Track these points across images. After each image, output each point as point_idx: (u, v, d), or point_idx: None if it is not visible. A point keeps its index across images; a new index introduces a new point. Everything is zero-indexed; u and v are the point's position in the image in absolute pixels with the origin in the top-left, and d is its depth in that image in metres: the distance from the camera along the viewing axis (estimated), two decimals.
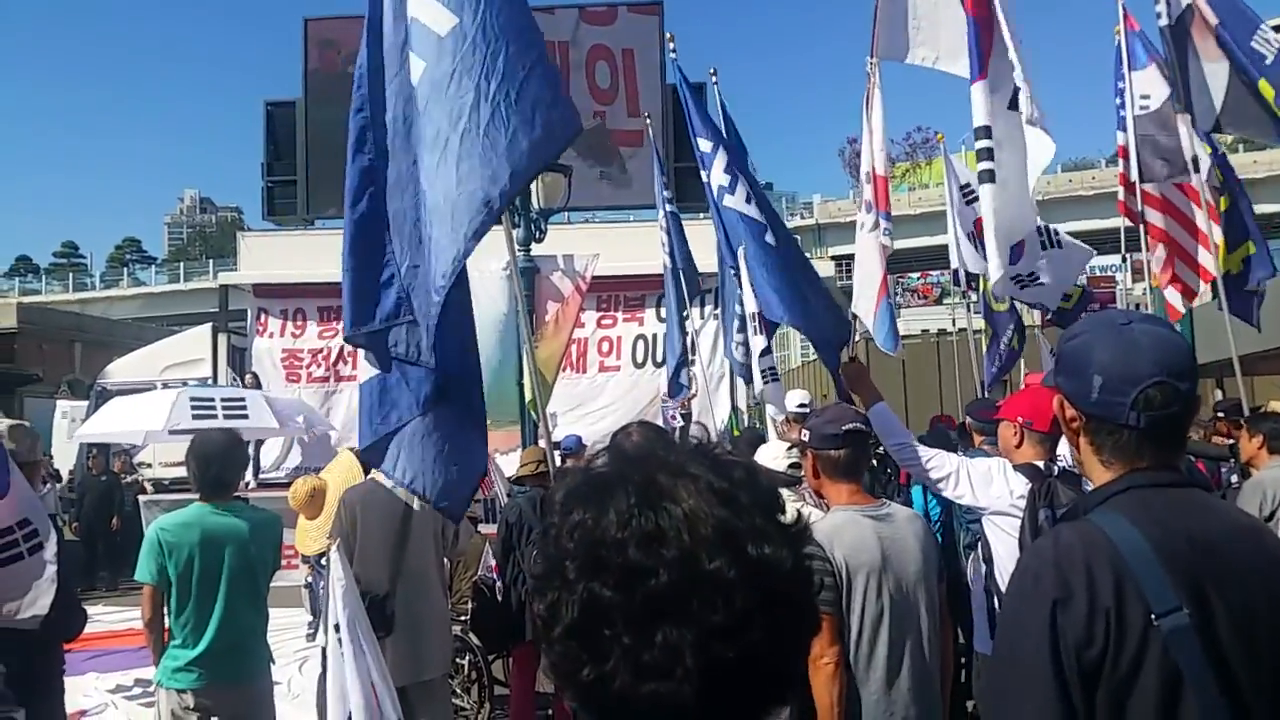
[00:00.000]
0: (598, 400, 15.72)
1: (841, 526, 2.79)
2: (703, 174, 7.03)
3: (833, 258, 50.53)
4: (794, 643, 0.91)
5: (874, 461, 6.18)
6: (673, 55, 7.45)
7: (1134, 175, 6.31)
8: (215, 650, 4.02)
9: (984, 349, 9.06)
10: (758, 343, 6.39)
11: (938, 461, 3.57)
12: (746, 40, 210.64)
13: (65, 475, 16.30)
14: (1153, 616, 1.37)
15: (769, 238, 6.22)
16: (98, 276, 67.76)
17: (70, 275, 70.08)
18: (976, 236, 7.32)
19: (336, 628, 2.71)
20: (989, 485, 3.61)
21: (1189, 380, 1.53)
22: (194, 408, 6.82)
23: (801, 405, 7.51)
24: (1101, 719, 1.38)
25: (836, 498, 2.90)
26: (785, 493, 4.62)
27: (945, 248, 7.77)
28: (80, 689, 7.26)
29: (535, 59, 3.29)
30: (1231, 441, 6.45)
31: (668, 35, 8.39)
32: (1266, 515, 4.78)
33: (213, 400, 6.94)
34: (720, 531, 0.85)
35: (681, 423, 13.90)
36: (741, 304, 6.70)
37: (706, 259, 9.40)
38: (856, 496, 2.90)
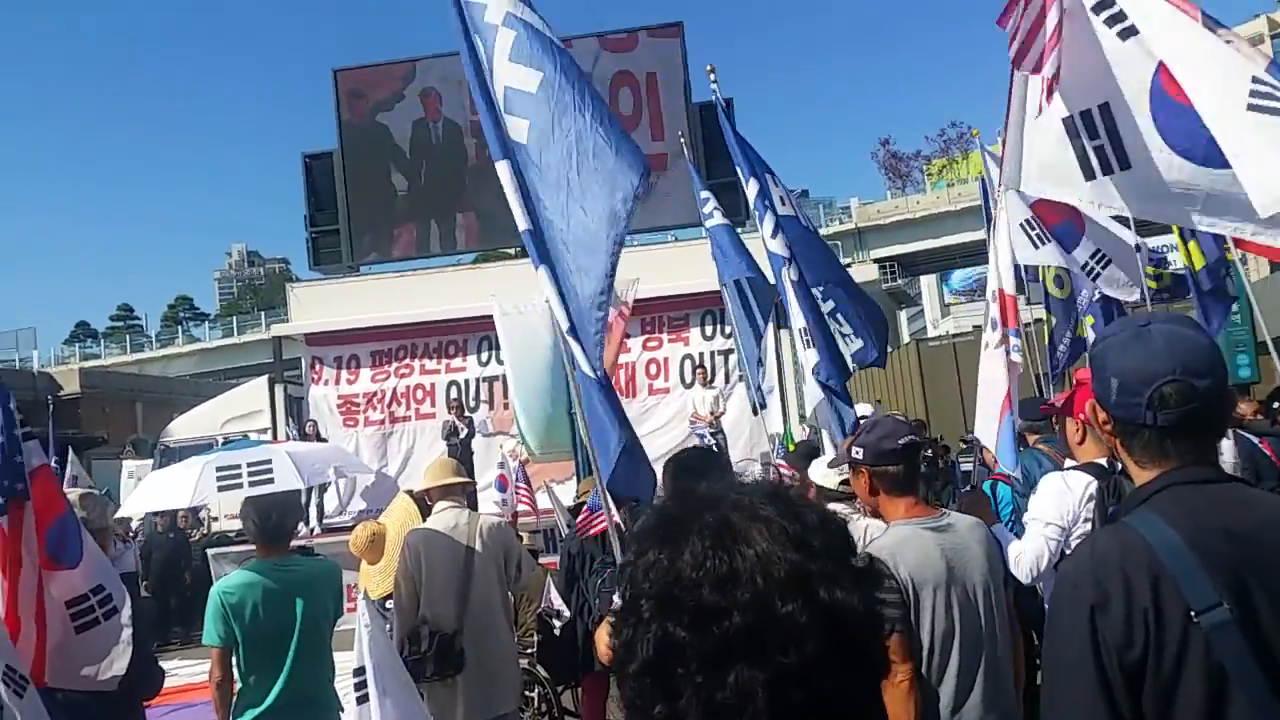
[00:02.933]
0: (649, 423, 15.73)
1: (904, 541, 2.77)
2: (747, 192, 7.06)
3: (875, 260, 50.30)
4: (865, 685, 0.92)
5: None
6: (714, 86, 7.47)
7: None
8: (283, 704, 4.06)
9: (1046, 339, 8.79)
10: (809, 357, 6.33)
11: (1020, 559, 3.52)
12: (771, 49, 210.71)
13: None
14: (1192, 614, 1.37)
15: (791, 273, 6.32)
16: (154, 336, 69.39)
17: (127, 337, 71.89)
18: (1040, 222, 7.10)
19: (360, 671, 2.74)
20: (1059, 512, 3.58)
21: (1209, 376, 1.53)
22: (219, 477, 6.95)
23: (863, 418, 7.40)
24: None
25: (894, 513, 2.88)
26: (841, 507, 4.62)
27: (986, 242, 7.65)
28: None
29: (593, 89, 3.68)
30: None
31: (707, 67, 8.43)
32: None
33: (238, 466, 7.05)
34: (793, 575, 0.87)
35: (710, 440, 13.89)
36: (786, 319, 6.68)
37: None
38: (915, 509, 2.88)
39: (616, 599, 0.96)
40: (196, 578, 13.48)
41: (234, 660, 4.12)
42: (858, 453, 2.92)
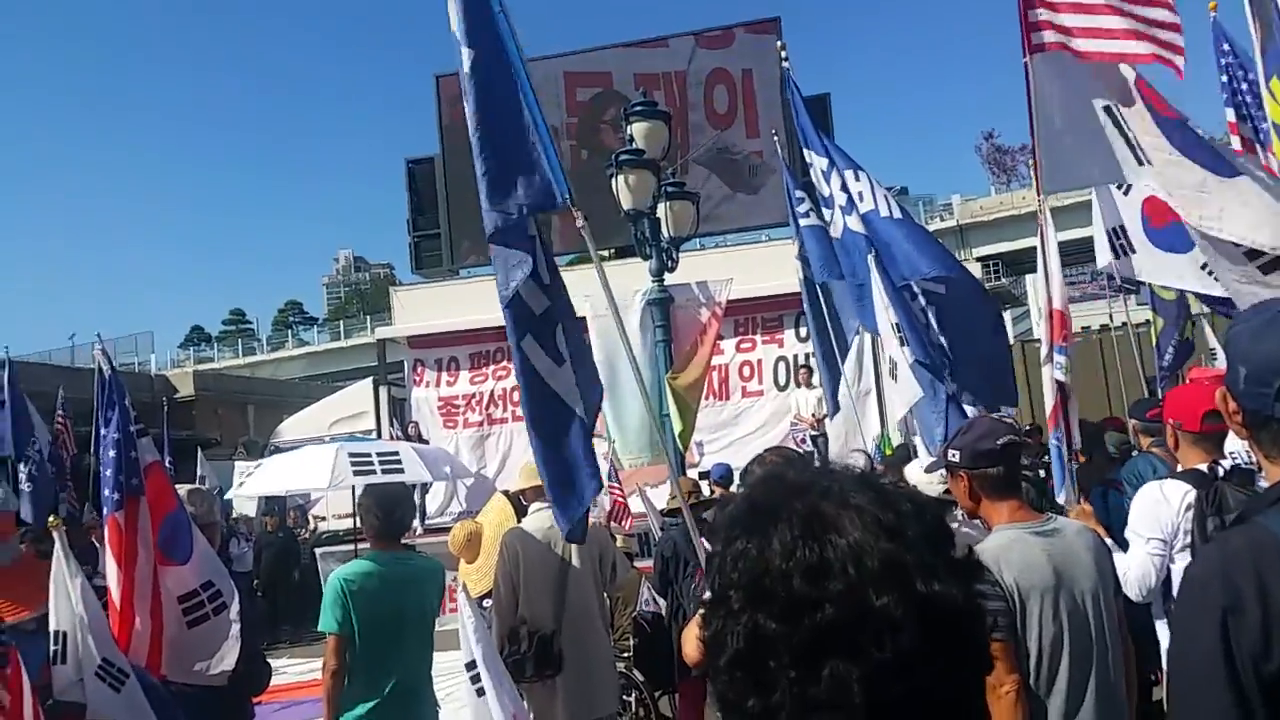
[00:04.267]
0: (744, 426, 15.61)
1: (1008, 547, 2.65)
2: (821, 187, 6.95)
3: (978, 259, 48.94)
4: (967, 680, 0.88)
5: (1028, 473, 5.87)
6: (785, 65, 7.37)
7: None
8: (394, 695, 4.09)
9: (1154, 342, 8.47)
10: (904, 355, 6.15)
11: (1126, 576, 3.37)
12: (870, 42, 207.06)
13: None
14: None
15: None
16: (265, 340, 72.26)
17: (240, 341, 74.98)
18: (1124, 232, 6.85)
19: (471, 665, 2.76)
20: (1158, 525, 3.43)
21: None
22: (354, 464, 7.23)
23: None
24: None
25: (997, 517, 2.77)
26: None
27: (1090, 239, 7.33)
28: None
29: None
30: None
31: (779, 44, 8.31)
32: None
33: (370, 455, 7.34)
34: (887, 566, 0.84)
35: (810, 445, 13.65)
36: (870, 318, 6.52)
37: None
38: (1019, 513, 2.76)
39: (706, 591, 0.93)
40: (305, 576, 13.91)
41: (350, 651, 4.13)
42: (954, 455, 2.81)
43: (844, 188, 6.55)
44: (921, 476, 4.99)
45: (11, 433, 10.98)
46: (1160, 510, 3.50)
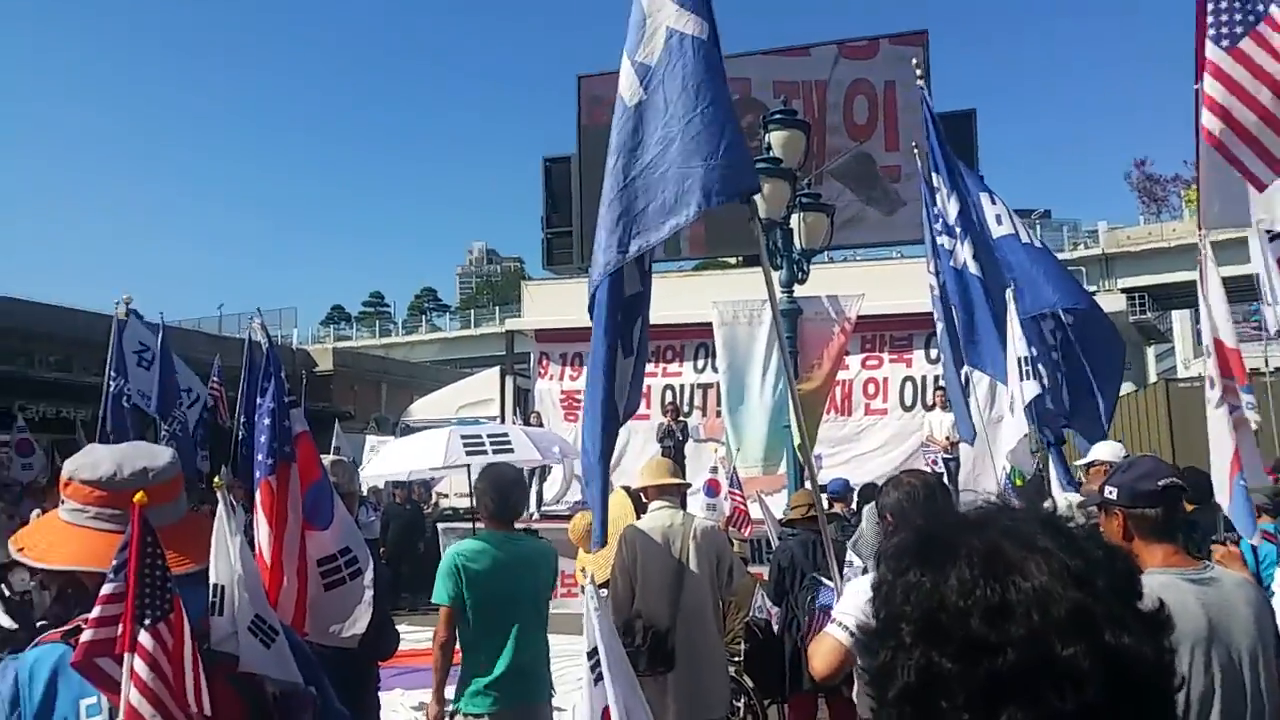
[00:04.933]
0: (864, 443, 15.33)
1: (1160, 591, 2.46)
2: (934, 207, 6.80)
3: (1123, 290, 46.58)
4: None
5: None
6: (920, 84, 7.21)
7: None
8: (511, 673, 4.16)
9: None
10: (1029, 389, 5.94)
11: None
12: (1020, 61, 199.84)
13: None
14: None
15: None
16: (400, 323, 74.96)
17: (377, 322, 78.09)
18: None
19: (593, 652, 2.79)
20: None
21: None
22: (466, 445, 7.51)
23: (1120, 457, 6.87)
24: None
25: (1151, 560, 2.63)
26: None
27: (1252, 278, 6.85)
28: (388, 705, 7.84)
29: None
30: None
31: (913, 61, 8.15)
32: None
33: (481, 436, 7.60)
34: (1075, 615, 0.80)
35: (943, 467, 13.25)
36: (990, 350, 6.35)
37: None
38: (1175, 558, 2.62)
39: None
40: (429, 548, 14.42)
41: (460, 625, 4.24)
42: (1112, 492, 2.69)
43: (969, 214, 6.39)
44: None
45: (158, 394, 11.66)
46: None
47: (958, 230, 6.50)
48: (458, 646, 4.29)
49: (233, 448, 11.82)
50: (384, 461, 9.25)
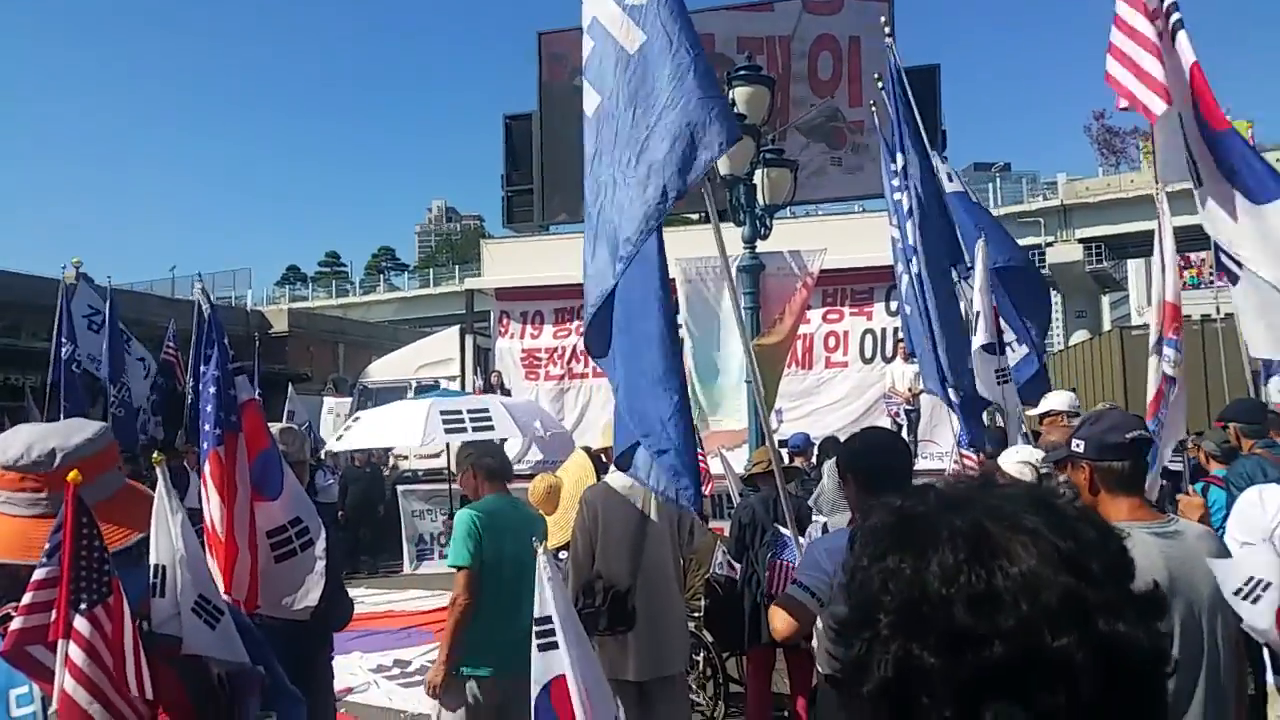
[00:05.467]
0: (825, 396, 15.43)
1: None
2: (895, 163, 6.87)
3: (1080, 240, 47.10)
4: None
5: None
6: (888, 40, 7.18)
7: None
8: (519, 635, 4.14)
9: None
10: (977, 341, 6.01)
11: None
12: (982, 12, 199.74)
13: None
14: None
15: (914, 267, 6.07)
16: (357, 283, 74.00)
17: (333, 282, 76.94)
18: None
19: (546, 619, 2.75)
20: (1252, 529, 3.41)
21: None
22: (445, 421, 7.43)
23: (1074, 406, 6.96)
24: None
25: (1116, 514, 2.63)
26: None
27: (1197, 226, 6.92)
28: (345, 668, 7.87)
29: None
30: None
31: (880, 20, 8.12)
32: None
33: (460, 412, 7.50)
34: (1066, 602, 0.74)
35: (904, 419, 13.38)
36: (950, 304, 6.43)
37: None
38: (1140, 512, 2.62)
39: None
40: (388, 511, 14.37)
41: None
42: (1079, 445, 2.68)
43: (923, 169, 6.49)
44: (1014, 460, 4.85)
45: (108, 358, 11.40)
46: (1254, 515, 3.51)
47: (913, 187, 6.56)
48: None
49: (184, 413, 11.60)
50: (362, 434, 9.06)
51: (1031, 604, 0.74)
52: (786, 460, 8.38)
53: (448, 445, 9.01)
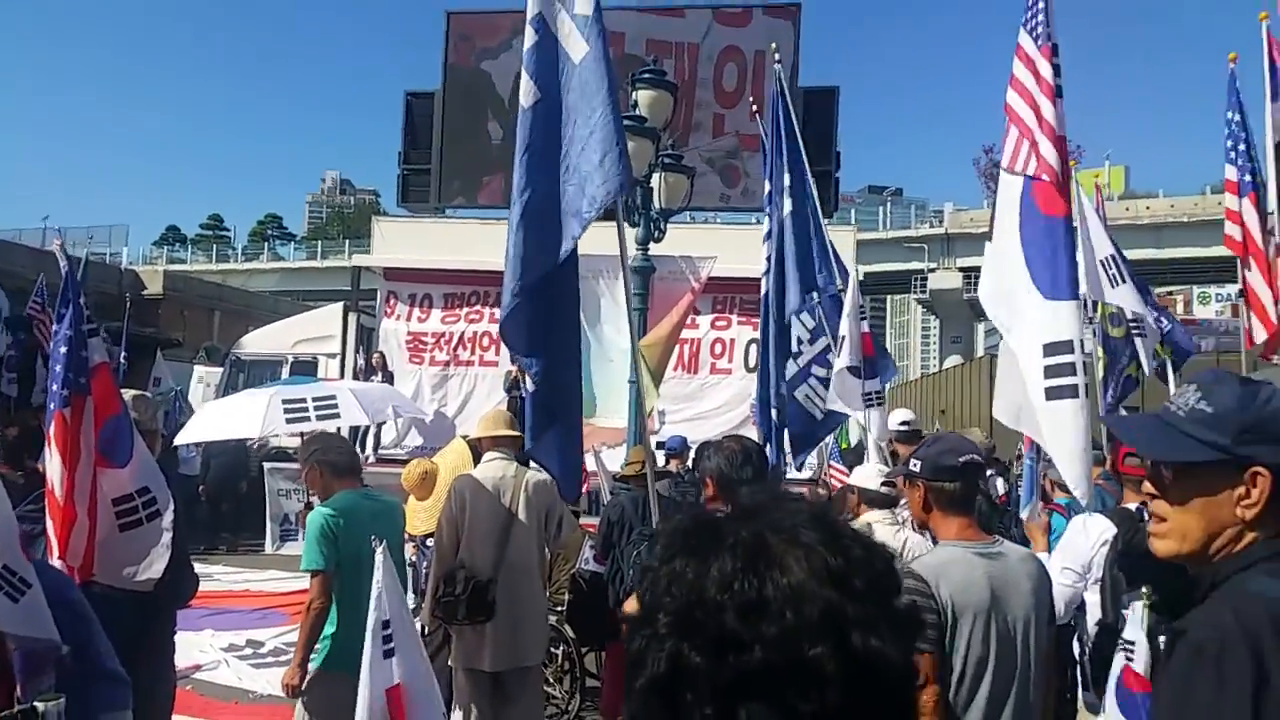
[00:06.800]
0: (708, 401, 15.67)
1: (949, 563, 2.69)
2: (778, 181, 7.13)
3: (960, 269, 49.09)
4: None
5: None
6: (777, 66, 7.43)
7: (1272, 205, 6.00)
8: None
9: (1100, 377, 8.62)
10: (841, 362, 6.25)
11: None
12: (883, 39, 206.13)
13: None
14: None
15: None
16: (240, 250, 71.25)
17: (214, 247, 73.96)
18: (1118, 261, 7.04)
19: (386, 624, 2.75)
20: (1074, 555, 3.82)
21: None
22: (287, 411, 7.16)
23: (904, 424, 7.31)
24: None
25: (946, 532, 2.80)
26: (882, 514, 4.53)
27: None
28: (197, 645, 7.63)
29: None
30: None
31: (772, 45, 8.40)
32: None
33: (304, 400, 7.26)
34: (826, 615, 0.80)
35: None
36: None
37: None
38: (968, 532, 2.79)
39: (634, 602, 0.90)
40: (252, 487, 13.90)
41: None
42: (915, 465, 2.84)
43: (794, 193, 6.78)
44: (865, 473, 5.07)
45: None
46: (1077, 543, 3.82)
47: (776, 213, 6.85)
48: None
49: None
50: (198, 426, 8.69)
51: (795, 614, 0.79)
52: (662, 462, 8.50)
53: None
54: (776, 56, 7.51)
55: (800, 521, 0.86)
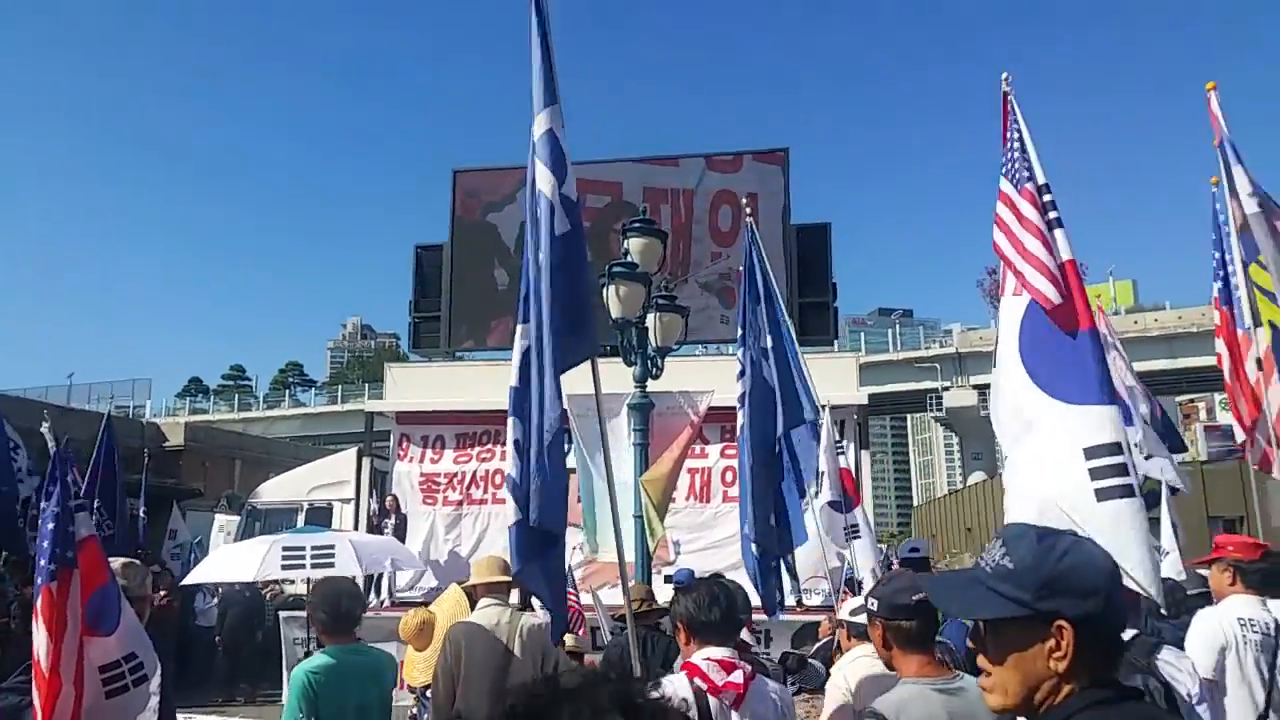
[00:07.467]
0: (721, 530, 15.56)
1: (909, 701, 2.72)
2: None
3: (974, 386, 49.19)
4: None
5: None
6: (748, 218, 7.83)
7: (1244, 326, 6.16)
8: None
9: None
10: (822, 498, 6.35)
11: None
12: (880, 167, 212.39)
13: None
14: None
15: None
16: (261, 398, 72.24)
17: (236, 395, 75.05)
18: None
19: None
20: None
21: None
22: (285, 557, 7.38)
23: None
24: None
25: (906, 669, 2.84)
26: (867, 647, 4.52)
27: None
28: None
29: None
30: None
31: (743, 200, 8.88)
32: None
33: (303, 549, 7.47)
34: None
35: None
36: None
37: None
38: (928, 668, 2.83)
39: None
40: (268, 637, 13.79)
41: None
42: (872, 604, 2.91)
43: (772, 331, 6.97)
44: (850, 607, 5.07)
45: None
46: None
47: (750, 352, 7.05)
48: None
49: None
50: (203, 569, 8.95)
51: None
52: (671, 595, 8.44)
53: None
54: (748, 211, 7.89)
55: (611, 705, 0.93)
